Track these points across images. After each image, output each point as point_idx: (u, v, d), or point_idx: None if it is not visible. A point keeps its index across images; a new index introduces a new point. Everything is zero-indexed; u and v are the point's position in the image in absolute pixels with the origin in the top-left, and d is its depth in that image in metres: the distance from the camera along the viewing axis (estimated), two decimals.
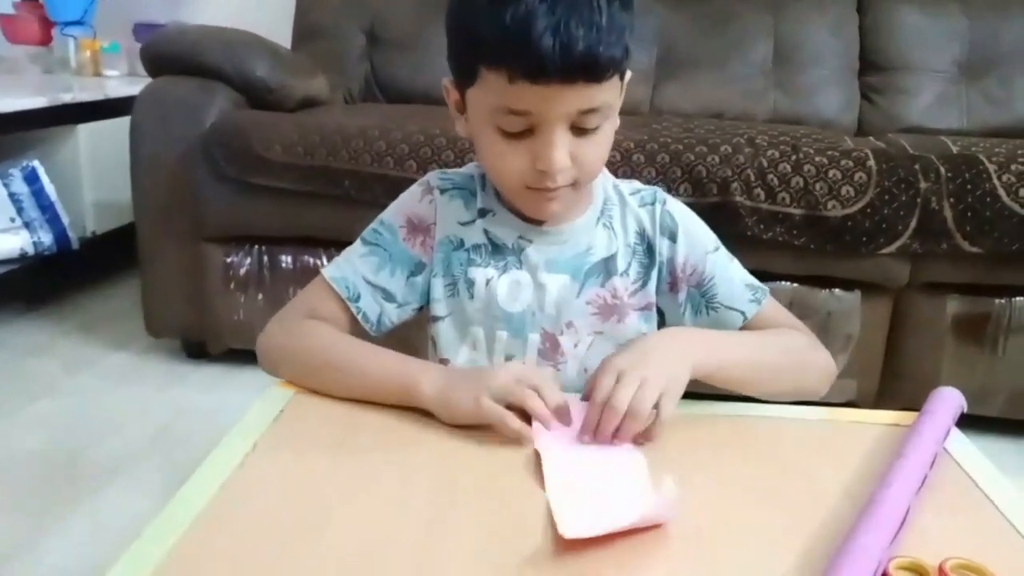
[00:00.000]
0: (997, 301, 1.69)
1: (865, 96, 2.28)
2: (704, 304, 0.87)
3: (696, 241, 0.87)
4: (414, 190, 0.89)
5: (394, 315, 0.88)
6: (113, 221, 2.40)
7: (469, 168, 0.90)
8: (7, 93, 2.14)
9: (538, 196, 0.78)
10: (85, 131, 2.29)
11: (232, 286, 1.90)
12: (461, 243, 0.86)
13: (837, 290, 1.72)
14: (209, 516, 0.58)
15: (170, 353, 2.07)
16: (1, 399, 1.81)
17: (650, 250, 0.87)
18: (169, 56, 1.94)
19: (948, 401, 0.77)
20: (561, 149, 0.73)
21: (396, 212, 0.88)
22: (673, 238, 0.87)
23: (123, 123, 1.93)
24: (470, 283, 0.86)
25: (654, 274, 0.87)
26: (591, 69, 0.70)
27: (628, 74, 0.78)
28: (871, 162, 1.63)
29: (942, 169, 1.61)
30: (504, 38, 0.69)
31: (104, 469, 1.54)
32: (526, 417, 0.70)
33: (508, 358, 0.87)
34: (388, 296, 0.87)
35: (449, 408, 0.72)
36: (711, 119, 2.07)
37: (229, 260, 1.90)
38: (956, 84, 2.24)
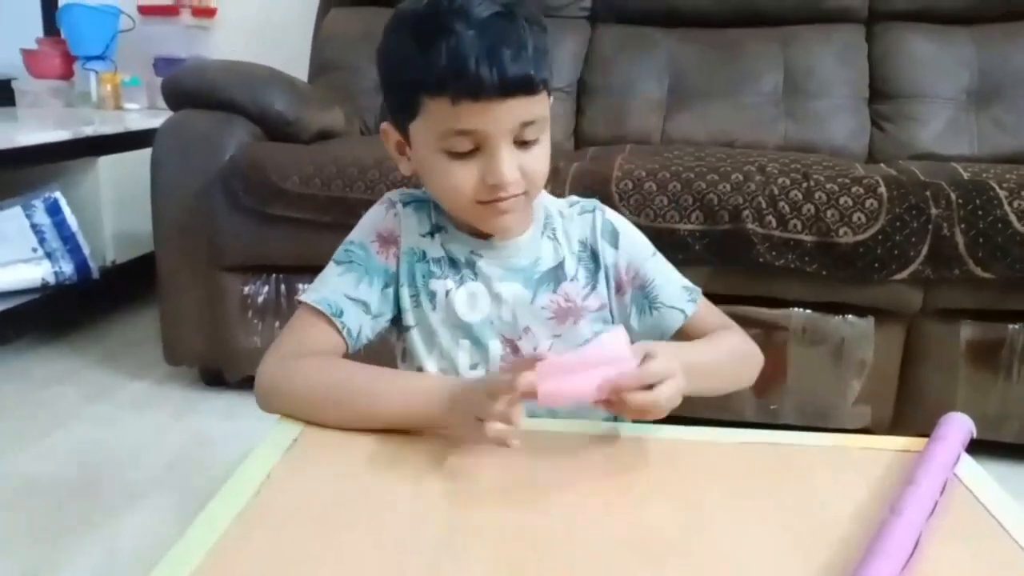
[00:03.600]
0: (1011, 327, 1.68)
1: (875, 123, 2.29)
2: (648, 305, 0.93)
3: (636, 247, 0.95)
4: (378, 208, 0.93)
5: (369, 328, 0.88)
6: (133, 251, 2.44)
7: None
8: (30, 126, 2.20)
9: (491, 210, 0.83)
10: (106, 163, 2.33)
11: (250, 315, 1.93)
12: (423, 255, 0.90)
13: (850, 316, 1.72)
14: (224, 547, 0.59)
15: (188, 381, 2.09)
16: (22, 427, 1.83)
17: (594, 256, 0.93)
18: (189, 90, 1.98)
19: (957, 426, 0.77)
20: (509, 162, 0.79)
21: (365, 230, 0.91)
22: (615, 244, 0.93)
23: (143, 155, 1.96)
24: (432, 294, 0.90)
25: (601, 277, 0.93)
26: (526, 82, 0.77)
27: (551, 98, 0.84)
28: (882, 189, 1.64)
29: (953, 195, 1.62)
30: (442, 68, 0.75)
31: (123, 496, 1.56)
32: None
33: (473, 366, 0.90)
34: (367, 308, 0.88)
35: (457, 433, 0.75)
36: (722, 147, 2.09)
37: (247, 289, 1.92)
38: (966, 111, 2.25)
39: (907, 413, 1.76)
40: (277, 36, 2.86)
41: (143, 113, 2.79)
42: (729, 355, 0.91)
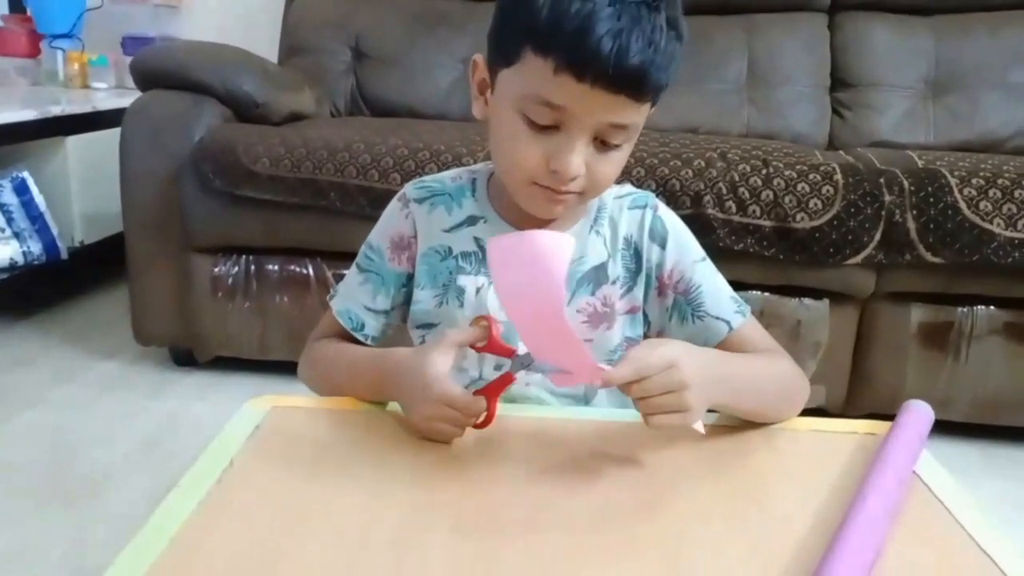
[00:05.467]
0: (959, 310, 1.75)
1: (836, 111, 2.34)
2: (691, 312, 0.87)
3: (685, 249, 0.88)
4: (393, 206, 0.91)
5: (389, 327, 0.93)
6: (101, 231, 2.43)
7: (455, 172, 0.91)
8: None
9: (543, 195, 0.77)
10: (74, 143, 2.32)
11: (220, 295, 1.94)
12: (449, 251, 0.87)
13: (806, 299, 1.78)
14: (187, 536, 0.59)
15: (158, 362, 2.10)
16: None
17: (637, 255, 0.88)
18: (159, 71, 1.98)
19: (918, 418, 0.76)
20: (580, 155, 0.73)
21: (381, 234, 0.91)
22: (663, 244, 0.87)
23: (111, 135, 1.96)
24: (459, 291, 0.86)
25: (641, 279, 0.88)
26: (638, 85, 0.70)
27: (652, 109, 0.78)
28: (838, 176, 1.69)
29: (906, 183, 1.68)
30: (563, 27, 0.67)
31: (94, 478, 1.57)
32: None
33: (498, 367, 0.87)
34: (387, 315, 0.92)
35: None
36: (686, 134, 2.13)
37: (217, 270, 1.94)
38: (923, 100, 2.31)
39: (860, 392, 1.83)
40: (246, 17, 2.85)
41: (110, 92, 2.77)
42: (773, 377, 0.82)
